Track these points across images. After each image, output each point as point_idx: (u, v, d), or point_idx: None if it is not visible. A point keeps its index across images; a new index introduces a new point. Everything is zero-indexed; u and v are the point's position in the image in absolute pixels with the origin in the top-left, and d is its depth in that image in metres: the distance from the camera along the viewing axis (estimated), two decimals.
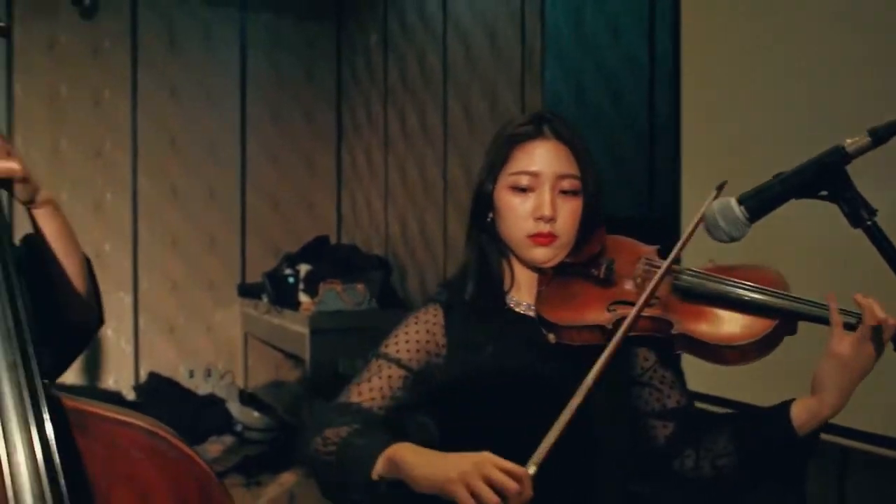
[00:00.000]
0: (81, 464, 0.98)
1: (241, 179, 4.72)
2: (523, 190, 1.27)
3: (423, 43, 4.13)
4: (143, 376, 4.50)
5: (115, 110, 4.40)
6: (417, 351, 1.28)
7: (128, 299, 4.45)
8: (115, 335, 4.49)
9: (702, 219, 1.17)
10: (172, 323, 4.58)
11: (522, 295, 1.33)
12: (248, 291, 4.63)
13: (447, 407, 1.30)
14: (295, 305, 4.18)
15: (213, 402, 4.45)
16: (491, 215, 1.31)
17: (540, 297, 1.30)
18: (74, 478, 0.96)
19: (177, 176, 4.54)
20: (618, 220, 1.39)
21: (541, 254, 1.27)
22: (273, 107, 4.77)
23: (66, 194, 4.16)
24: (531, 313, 1.31)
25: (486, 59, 3.65)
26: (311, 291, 4.16)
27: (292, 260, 4.46)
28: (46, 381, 0.96)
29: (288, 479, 3.85)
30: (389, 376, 1.26)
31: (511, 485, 0.97)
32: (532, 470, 0.99)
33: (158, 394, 4.37)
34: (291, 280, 4.30)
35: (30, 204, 1.06)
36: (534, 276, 1.32)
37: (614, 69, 3.40)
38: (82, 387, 4.25)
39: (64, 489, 0.93)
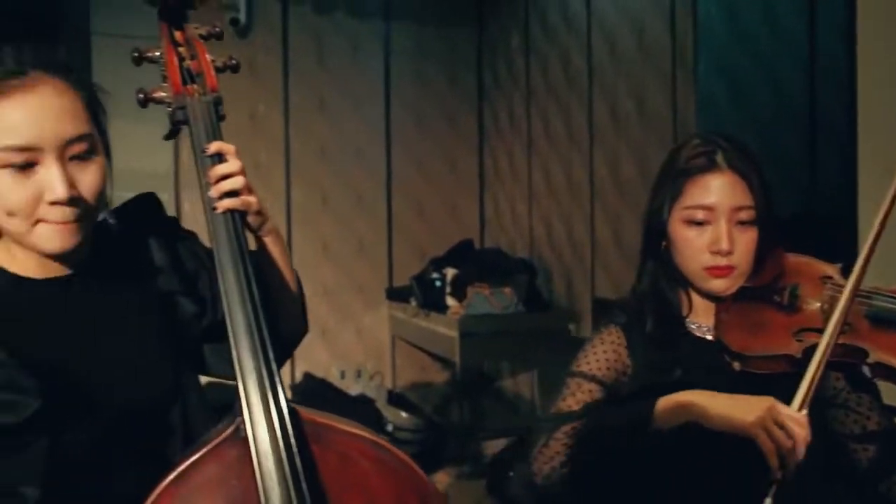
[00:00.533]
0: (317, 471, 1.04)
1: (388, 185, 4.85)
2: (699, 223, 1.27)
3: (566, 43, 4.11)
4: (299, 377, 4.70)
5: (268, 123, 4.62)
6: (608, 369, 1.31)
7: None
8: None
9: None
10: (324, 326, 4.76)
11: (700, 318, 1.34)
12: (395, 295, 4.75)
13: None
14: (443, 308, 4.26)
15: (364, 403, 4.59)
16: (664, 243, 1.32)
17: (721, 324, 1.30)
18: (312, 484, 1.02)
19: (327, 184, 4.72)
20: (782, 221, 1.36)
21: (718, 285, 1.27)
22: (417, 113, 4.87)
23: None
24: (710, 336, 1.32)
25: (633, 57, 3.59)
26: (459, 295, 4.22)
27: (438, 264, 4.54)
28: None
29: (441, 478, 3.92)
30: (590, 390, 1.28)
31: (798, 430, 1.02)
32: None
33: (314, 394, 4.56)
34: (438, 283, 4.37)
35: (258, 231, 1.14)
36: (711, 302, 1.33)
37: (772, 62, 3.26)
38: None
39: (307, 495, 0.99)
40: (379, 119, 4.82)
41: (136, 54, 1.13)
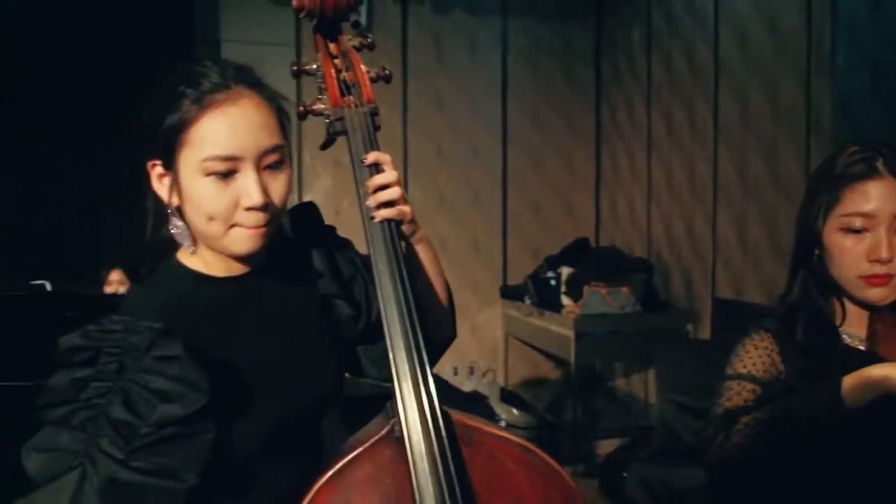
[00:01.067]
0: (467, 472, 1.06)
1: (503, 183, 4.86)
2: (856, 231, 1.25)
3: (691, 36, 4.00)
4: None
5: (387, 123, 4.69)
6: (765, 371, 1.31)
7: None
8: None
9: None
10: None
11: (853, 328, 1.32)
12: (509, 293, 4.76)
13: None
14: (558, 308, 4.23)
15: (478, 399, 4.63)
16: (818, 252, 1.30)
17: (876, 337, 1.29)
18: (462, 485, 1.04)
19: (444, 183, 4.77)
20: None
21: (876, 294, 1.25)
22: (533, 110, 4.86)
23: (349, 202, 4.52)
24: (862, 347, 1.30)
25: (764, 49, 3.45)
26: (574, 294, 4.18)
27: (553, 262, 4.52)
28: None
29: None
30: (753, 389, 1.27)
31: None
32: None
33: None
34: (553, 283, 4.35)
35: (410, 238, 1.17)
36: (864, 311, 1.31)
37: None
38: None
39: (459, 495, 1.01)
40: (495, 117, 4.83)
41: (294, 68, 1.18)
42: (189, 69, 1.06)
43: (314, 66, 1.18)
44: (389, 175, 1.12)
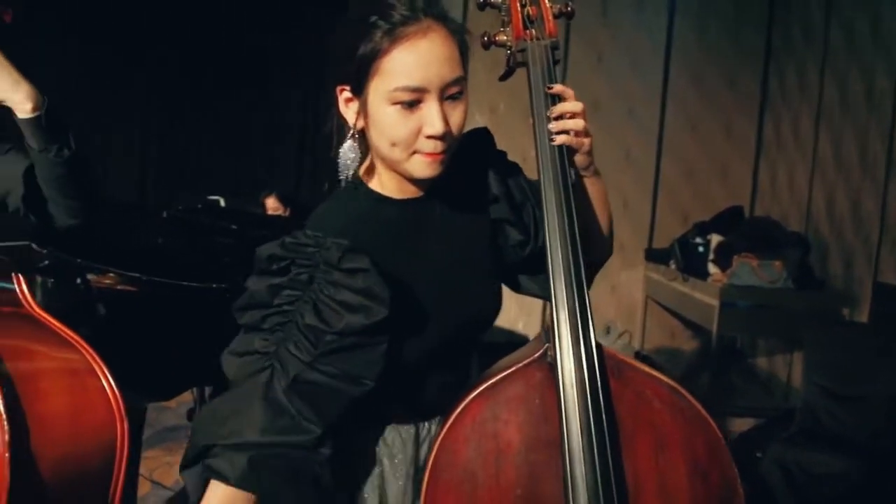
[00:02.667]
0: (613, 404, 1.11)
1: (658, 145, 4.76)
2: None
3: (878, 5, 3.73)
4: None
5: None
6: None
7: None
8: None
9: None
10: None
11: None
12: (654, 256, 4.69)
13: None
14: (704, 275, 4.14)
15: None
16: None
17: None
18: (607, 414, 1.08)
19: (596, 139, 4.64)
20: None
21: None
22: (696, 73, 4.70)
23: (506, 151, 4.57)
24: None
25: None
26: (723, 263, 4.07)
27: (703, 229, 4.40)
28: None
29: None
30: None
31: None
32: None
33: None
34: (701, 249, 4.25)
35: (584, 171, 1.21)
36: None
37: None
38: (501, 330, 4.70)
39: (605, 423, 1.06)
40: (656, 77, 4.71)
41: (480, 0, 1.23)
42: (380, 0, 1.11)
43: (499, 0, 1.22)
44: (577, 105, 1.16)
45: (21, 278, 1.42)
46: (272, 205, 3.99)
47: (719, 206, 4.59)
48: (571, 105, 1.16)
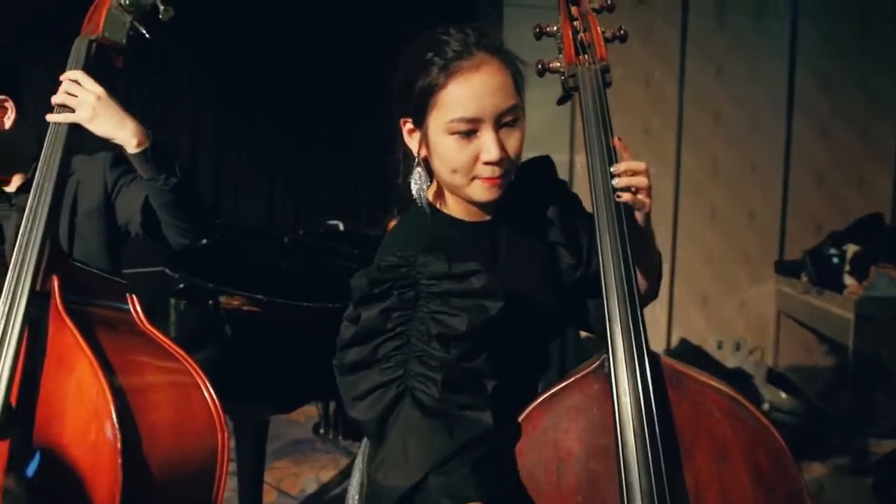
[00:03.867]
0: (672, 414, 1.12)
1: (786, 153, 4.56)
2: None
3: None
4: (675, 342, 4.71)
5: (662, 89, 4.62)
6: None
7: (666, 268, 4.67)
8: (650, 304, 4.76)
9: None
10: (706, 293, 4.68)
11: None
12: (785, 269, 4.49)
13: None
14: (839, 287, 3.93)
15: (741, 377, 4.45)
16: None
17: None
18: (664, 424, 1.09)
19: (719, 151, 4.59)
20: None
21: None
22: (823, 77, 4.49)
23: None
24: None
25: None
26: (859, 274, 3.85)
27: (838, 238, 4.18)
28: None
29: (816, 469, 3.68)
30: None
31: None
32: None
33: (688, 361, 4.53)
34: (836, 260, 4.04)
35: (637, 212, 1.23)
36: None
37: None
38: None
39: (658, 431, 1.07)
40: (780, 82, 4.53)
41: (537, 30, 1.29)
42: (435, 37, 1.19)
43: (554, 28, 1.27)
44: (641, 164, 1.18)
45: (135, 299, 1.55)
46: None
47: (855, 215, 4.35)
48: (637, 164, 1.18)
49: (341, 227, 3.71)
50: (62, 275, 1.42)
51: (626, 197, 1.17)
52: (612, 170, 1.18)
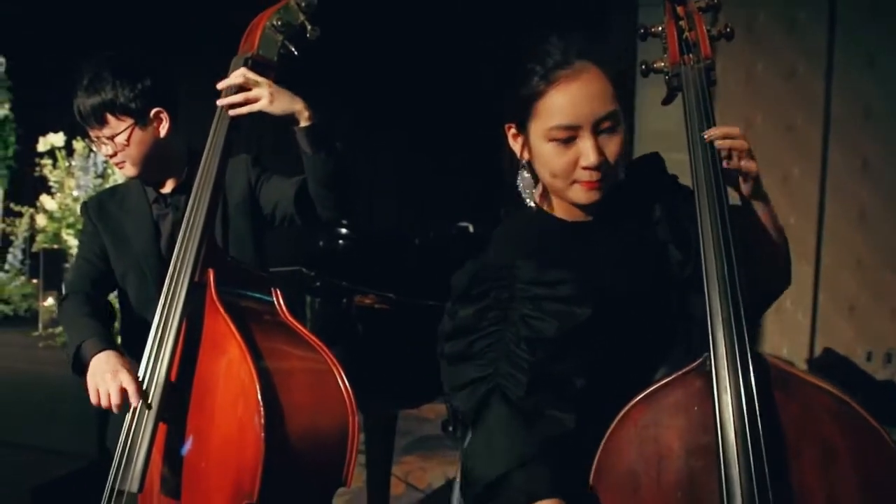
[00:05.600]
0: (777, 415, 1.10)
1: None
2: None
3: None
4: (818, 352, 4.47)
5: (807, 83, 4.39)
6: None
7: (809, 273, 4.45)
8: (793, 307, 4.55)
9: None
10: (854, 301, 4.42)
11: None
12: None
13: None
14: None
15: (891, 389, 4.18)
16: None
17: None
18: (768, 425, 1.08)
19: (869, 148, 4.32)
20: None
21: None
22: None
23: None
24: None
25: None
26: None
27: None
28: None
29: None
30: None
31: None
32: None
33: (833, 371, 4.30)
34: None
35: (748, 196, 1.22)
36: None
37: None
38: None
39: (760, 431, 1.06)
40: None
41: (641, 30, 1.31)
42: (537, 46, 1.24)
43: (660, 28, 1.28)
44: (734, 128, 1.19)
45: (278, 292, 1.69)
46: None
47: None
48: (730, 129, 1.19)
49: (471, 228, 3.78)
50: (217, 268, 1.59)
51: (732, 162, 1.18)
52: (704, 135, 1.18)
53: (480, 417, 1.18)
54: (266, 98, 1.60)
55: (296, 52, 1.68)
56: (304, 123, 1.63)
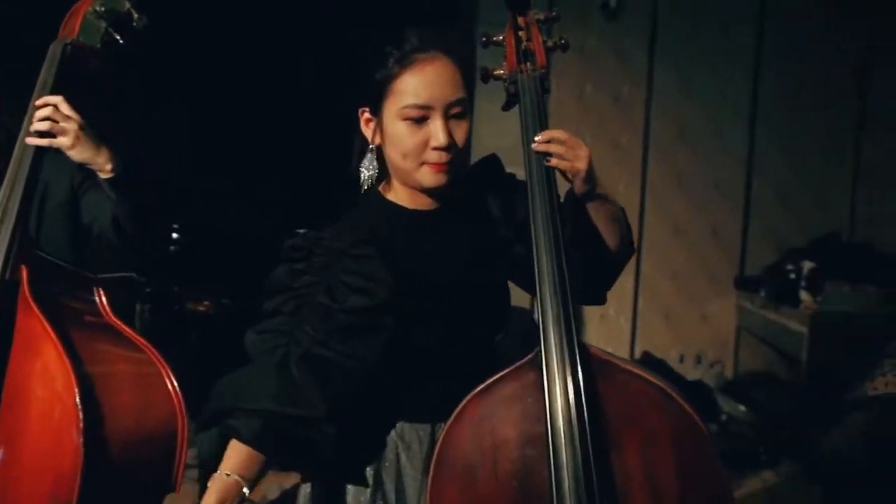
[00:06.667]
0: (601, 403, 1.17)
1: (748, 168, 4.67)
2: None
3: None
4: (637, 354, 4.78)
5: (631, 105, 4.69)
6: None
7: (630, 281, 4.75)
8: (615, 314, 4.83)
9: None
10: (669, 308, 4.75)
11: None
12: (745, 284, 4.59)
13: None
14: (795, 303, 4.03)
15: (701, 389, 4.53)
16: None
17: None
18: (593, 412, 1.15)
19: (684, 165, 4.68)
20: None
21: None
22: (788, 94, 4.59)
23: None
24: None
25: None
26: (814, 290, 3.96)
27: (797, 255, 4.28)
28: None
29: (769, 477, 3.78)
30: None
31: None
32: None
33: (651, 372, 4.60)
34: (793, 276, 4.14)
35: (587, 196, 1.30)
36: None
37: None
38: None
39: (587, 418, 1.13)
40: (744, 98, 4.63)
41: (484, 39, 1.37)
42: (395, 35, 1.31)
43: (500, 38, 1.35)
44: (563, 132, 1.27)
45: (101, 291, 1.61)
46: None
47: (817, 233, 4.47)
48: (558, 132, 1.26)
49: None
50: (31, 265, 1.51)
51: (553, 162, 1.25)
52: (535, 137, 1.26)
53: (261, 358, 1.27)
54: (69, 140, 1.54)
55: (121, 41, 1.64)
56: (104, 176, 1.59)
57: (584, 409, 1.12)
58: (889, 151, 4.35)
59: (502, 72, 1.34)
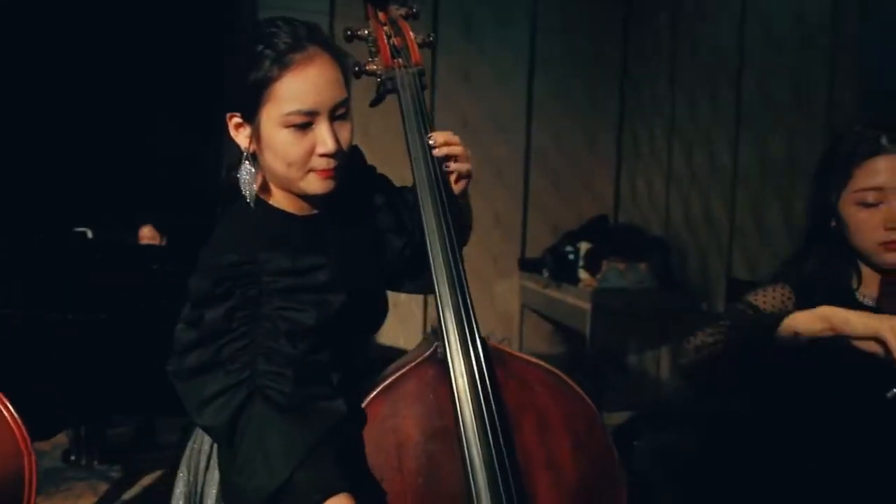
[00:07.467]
0: (500, 391, 1.20)
1: (526, 159, 4.97)
2: (870, 204, 1.35)
3: (718, 22, 4.08)
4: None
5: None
6: (773, 307, 1.40)
7: None
8: (406, 299, 4.92)
9: None
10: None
11: (868, 289, 1.42)
12: (527, 265, 4.89)
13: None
14: (575, 281, 4.36)
15: None
16: (834, 223, 1.41)
17: (886, 295, 1.37)
18: (497, 401, 1.18)
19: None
20: None
21: (893, 258, 1.36)
22: (559, 88, 4.96)
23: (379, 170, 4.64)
24: (874, 304, 1.40)
25: (789, 35, 3.53)
26: (592, 268, 4.31)
27: (572, 237, 4.64)
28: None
29: None
30: (743, 311, 1.38)
31: None
32: None
33: None
34: (572, 257, 4.47)
35: (462, 194, 1.31)
36: (876, 274, 1.41)
37: None
38: (380, 345, 4.75)
39: (495, 411, 1.15)
40: (521, 93, 4.93)
41: (348, 32, 1.31)
42: (262, 30, 1.17)
43: (365, 32, 1.31)
44: (452, 135, 1.29)
45: None
46: (147, 234, 3.90)
47: (586, 216, 4.86)
48: (451, 135, 1.29)
49: (90, 234, 3.42)
50: None
51: (452, 166, 1.26)
52: (430, 142, 1.25)
53: (240, 428, 1.08)
54: None
55: None
56: None
57: (491, 398, 1.15)
58: (643, 143, 4.84)
59: (376, 67, 1.30)
